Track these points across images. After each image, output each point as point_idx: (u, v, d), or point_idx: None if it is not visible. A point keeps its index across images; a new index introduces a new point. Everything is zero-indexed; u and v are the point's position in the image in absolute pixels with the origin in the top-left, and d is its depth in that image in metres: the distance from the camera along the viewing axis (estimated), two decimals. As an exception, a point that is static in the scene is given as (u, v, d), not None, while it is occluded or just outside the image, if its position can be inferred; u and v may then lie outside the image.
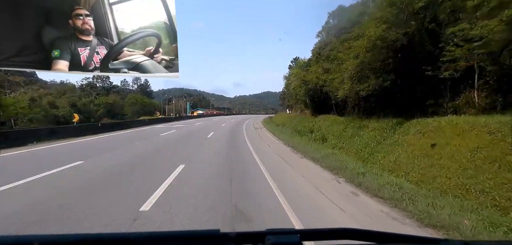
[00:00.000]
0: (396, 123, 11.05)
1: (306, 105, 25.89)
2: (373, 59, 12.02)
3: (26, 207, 3.44)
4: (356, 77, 13.37)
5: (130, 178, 5.02)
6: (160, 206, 3.57)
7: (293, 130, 18.29)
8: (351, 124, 14.51)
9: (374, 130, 11.73)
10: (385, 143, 10.03)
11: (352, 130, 13.55)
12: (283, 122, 27.85)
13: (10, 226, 2.88)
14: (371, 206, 3.86)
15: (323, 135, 15.07)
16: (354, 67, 13.19)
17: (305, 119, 23.85)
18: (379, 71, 12.37)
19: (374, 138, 11.06)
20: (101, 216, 3.18)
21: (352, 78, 13.50)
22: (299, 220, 3.22)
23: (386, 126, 11.27)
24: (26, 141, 9.71)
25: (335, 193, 4.43)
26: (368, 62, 12.19)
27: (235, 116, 59.31)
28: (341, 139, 13.35)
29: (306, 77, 21.68)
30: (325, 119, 19.29)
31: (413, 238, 0.74)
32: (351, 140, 12.53)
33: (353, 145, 11.91)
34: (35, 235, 0.55)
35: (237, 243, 0.61)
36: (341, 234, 0.67)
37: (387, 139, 10.34)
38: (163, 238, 0.61)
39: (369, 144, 10.94)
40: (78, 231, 2.73)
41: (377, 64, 12.19)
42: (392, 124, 11.17)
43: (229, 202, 3.72)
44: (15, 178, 4.69)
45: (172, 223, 3.03)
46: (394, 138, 9.92)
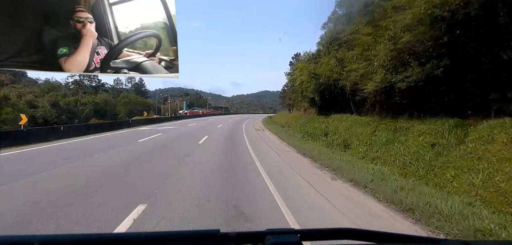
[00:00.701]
0: (454, 125, 7.94)
1: (313, 103, 22.75)
2: (418, 40, 8.87)
3: None
4: (390, 65, 10.20)
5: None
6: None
7: (302, 133, 15.13)
8: (381, 126, 11.39)
9: (424, 134, 8.60)
10: (451, 155, 6.94)
11: (386, 134, 10.43)
12: (287, 122, 24.84)
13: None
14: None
15: (344, 139, 11.92)
16: (388, 51, 10.02)
17: (313, 119, 20.79)
18: (424, 56, 9.23)
19: (427, 147, 7.92)
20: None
21: (385, 67, 10.32)
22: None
23: (442, 129, 8.13)
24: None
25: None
26: (411, 44, 9.03)
27: (232, 116, 55.75)
28: (372, 146, 10.20)
29: (316, 70, 18.49)
30: (341, 119, 16.18)
31: (413, 238, 0.78)
32: (387, 148, 9.39)
33: (392, 154, 8.79)
34: (35, 235, 0.54)
35: (237, 243, 0.61)
36: (341, 234, 0.67)
37: (451, 148, 7.23)
38: (163, 238, 0.62)
39: (420, 154, 7.84)
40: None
41: (423, 46, 9.06)
42: (450, 126, 8.05)
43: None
44: None
45: None
46: (465, 148, 6.80)
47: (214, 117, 48.63)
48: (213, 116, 52.60)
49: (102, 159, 7.00)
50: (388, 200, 3.70)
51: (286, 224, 2.97)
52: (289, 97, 43.76)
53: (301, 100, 26.43)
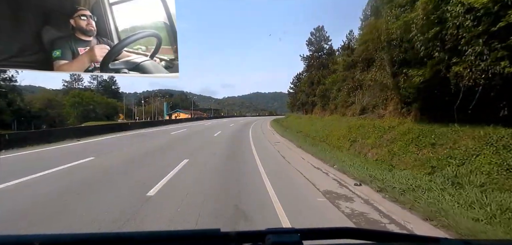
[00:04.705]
0: None
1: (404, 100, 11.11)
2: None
3: None
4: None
5: None
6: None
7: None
8: None
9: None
10: None
11: None
12: (371, 142, 12.29)
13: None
14: None
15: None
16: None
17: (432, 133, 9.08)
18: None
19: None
20: None
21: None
22: None
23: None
24: None
25: None
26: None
27: (222, 121, 42.09)
28: None
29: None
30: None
31: (413, 238, 0.83)
32: None
33: None
34: (36, 234, 0.56)
35: (238, 243, 0.63)
36: (341, 234, 0.69)
37: None
38: (164, 237, 0.64)
39: None
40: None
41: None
42: None
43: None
44: None
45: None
46: None
47: (198, 122, 35.95)
48: (199, 121, 39.76)
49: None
50: None
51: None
52: (307, 93, 32.85)
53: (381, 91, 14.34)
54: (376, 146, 9.86)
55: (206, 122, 37.22)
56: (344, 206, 4.23)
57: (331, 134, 14.84)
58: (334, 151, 10.27)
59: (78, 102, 45.62)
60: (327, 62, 32.33)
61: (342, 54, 25.94)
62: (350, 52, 22.08)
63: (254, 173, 6.40)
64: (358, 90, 18.16)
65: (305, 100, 35.90)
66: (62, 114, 44.09)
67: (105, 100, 56.19)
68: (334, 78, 24.48)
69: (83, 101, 46.46)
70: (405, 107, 11.34)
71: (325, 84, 27.06)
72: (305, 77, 38.42)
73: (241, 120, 46.92)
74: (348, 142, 12.03)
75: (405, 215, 3.86)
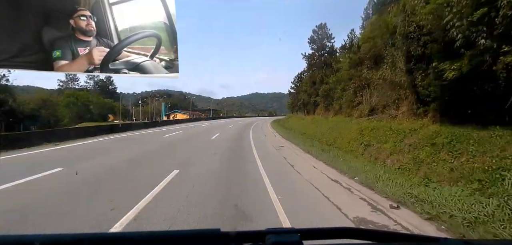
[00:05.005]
0: None
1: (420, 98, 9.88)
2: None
3: None
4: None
5: None
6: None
7: None
8: None
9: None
10: None
11: None
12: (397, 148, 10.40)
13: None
14: None
15: None
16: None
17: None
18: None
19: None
20: None
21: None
22: None
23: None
24: None
25: None
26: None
27: (221, 122, 40.74)
28: None
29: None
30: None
31: (413, 237, 0.78)
32: None
33: None
34: (36, 234, 0.56)
35: (238, 242, 0.62)
36: (341, 233, 0.68)
37: None
38: (164, 237, 0.64)
39: None
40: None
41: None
42: None
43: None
44: None
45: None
46: None
47: (193, 123, 34.61)
48: (194, 122, 38.43)
49: None
50: None
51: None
52: (309, 93, 32.85)
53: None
54: (396, 152, 8.66)
55: (203, 123, 36.16)
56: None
57: (340, 136, 13.61)
58: (348, 158, 9.12)
59: (73, 102, 44.84)
60: (330, 60, 31.37)
61: (347, 52, 24.84)
62: (357, 49, 20.99)
63: (260, 190, 5.01)
64: (366, 89, 17.01)
65: (307, 100, 34.97)
66: (57, 114, 42.81)
67: (102, 100, 54.81)
68: (339, 77, 23.40)
69: (78, 101, 45.51)
70: (421, 107, 10.12)
71: (329, 83, 25.98)
72: (307, 77, 37.51)
73: (240, 121, 45.70)
74: (361, 146, 10.82)
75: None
